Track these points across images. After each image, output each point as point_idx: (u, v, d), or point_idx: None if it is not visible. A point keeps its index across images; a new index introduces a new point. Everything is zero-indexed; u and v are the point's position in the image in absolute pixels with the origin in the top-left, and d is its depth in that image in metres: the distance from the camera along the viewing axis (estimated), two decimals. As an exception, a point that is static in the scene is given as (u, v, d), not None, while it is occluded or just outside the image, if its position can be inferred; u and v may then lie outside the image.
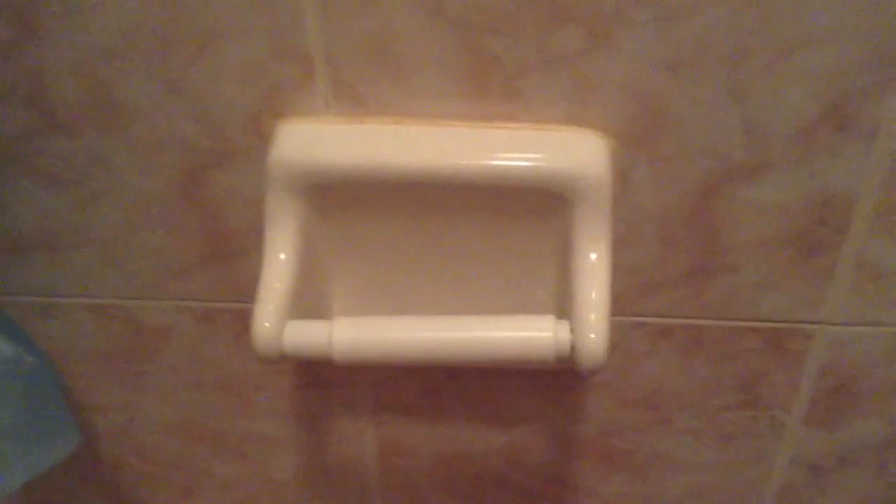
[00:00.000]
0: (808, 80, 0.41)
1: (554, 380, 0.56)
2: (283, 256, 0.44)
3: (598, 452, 0.61)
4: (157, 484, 0.68)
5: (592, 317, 0.42)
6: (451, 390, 0.58)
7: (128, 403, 0.61)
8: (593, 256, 0.43)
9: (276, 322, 0.42)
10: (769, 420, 0.57)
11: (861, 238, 0.47)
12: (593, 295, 0.42)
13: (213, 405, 0.61)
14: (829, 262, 0.48)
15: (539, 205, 0.44)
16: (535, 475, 0.63)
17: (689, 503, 0.64)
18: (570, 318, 0.42)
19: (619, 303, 0.50)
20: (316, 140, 0.44)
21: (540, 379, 0.56)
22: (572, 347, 0.41)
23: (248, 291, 0.48)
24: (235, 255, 0.51)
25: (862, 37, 0.40)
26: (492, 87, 0.43)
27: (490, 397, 0.58)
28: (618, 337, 0.52)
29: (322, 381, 0.58)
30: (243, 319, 0.54)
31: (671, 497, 0.63)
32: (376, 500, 0.66)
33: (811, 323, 0.51)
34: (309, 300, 0.46)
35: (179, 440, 0.64)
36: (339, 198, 0.45)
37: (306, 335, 0.42)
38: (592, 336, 0.41)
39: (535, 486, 0.64)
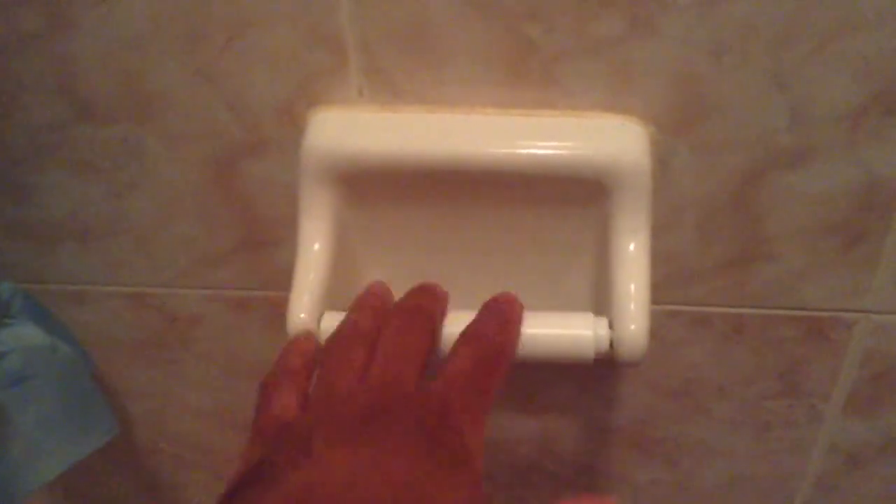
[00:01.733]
0: (854, 64, 0.40)
1: (589, 368, 0.55)
2: (317, 246, 0.44)
3: (632, 441, 0.61)
4: (189, 469, 0.68)
5: (632, 308, 0.41)
6: (485, 378, 0.57)
7: (161, 390, 0.62)
8: (632, 246, 0.42)
9: (311, 313, 0.42)
10: (808, 409, 0.56)
11: (907, 226, 0.46)
12: (632, 286, 0.41)
13: (246, 392, 0.61)
14: (873, 250, 0.47)
15: (576, 194, 0.43)
16: (567, 463, 0.63)
17: (725, 492, 0.63)
18: (608, 309, 0.42)
19: (657, 291, 0.49)
20: (349, 129, 0.43)
21: (575, 367, 0.55)
22: (611, 344, 0.40)
23: (280, 280, 0.48)
24: (268, 244, 0.51)
25: (912, 19, 0.38)
26: (528, 73, 0.42)
27: (523, 385, 0.58)
28: (655, 325, 0.52)
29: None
30: (276, 307, 0.54)
31: (706, 486, 0.63)
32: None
33: (853, 311, 0.50)
34: (342, 291, 0.45)
35: (212, 427, 0.64)
36: (373, 187, 0.44)
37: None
38: (632, 328, 0.40)
39: (567, 473, 0.64)
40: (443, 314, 0.37)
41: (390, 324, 0.35)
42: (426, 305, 0.36)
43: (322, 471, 0.28)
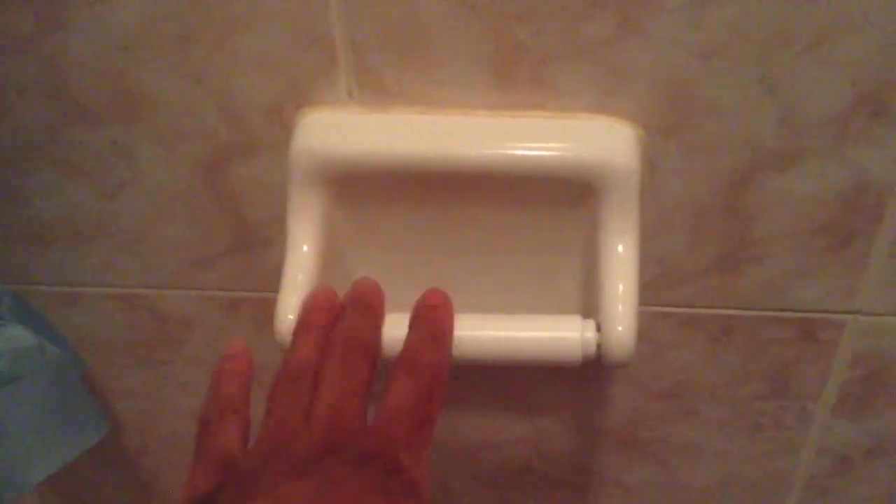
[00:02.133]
0: (842, 67, 0.40)
1: (579, 370, 0.55)
2: (305, 248, 0.44)
3: (622, 442, 0.61)
4: (179, 472, 0.68)
5: (620, 309, 0.41)
6: (476, 379, 0.57)
7: (151, 392, 0.62)
8: (620, 248, 0.42)
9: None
10: (798, 410, 0.57)
11: (895, 227, 0.46)
12: (620, 287, 0.42)
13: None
14: (862, 251, 0.47)
15: (566, 195, 0.43)
16: (559, 464, 0.63)
17: (715, 493, 0.63)
18: (596, 310, 0.42)
19: (646, 292, 0.50)
20: (339, 130, 0.43)
21: (565, 369, 0.55)
22: (598, 346, 0.40)
23: (271, 281, 0.48)
24: (258, 245, 0.51)
25: (899, 22, 0.39)
26: (518, 75, 0.42)
27: (515, 386, 0.58)
28: (644, 327, 0.52)
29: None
30: (266, 309, 0.54)
31: (697, 487, 0.63)
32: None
33: (843, 313, 0.50)
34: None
35: (203, 428, 0.64)
36: (363, 189, 0.44)
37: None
38: (620, 329, 0.41)
39: (559, 475, 0.64)
40: (379, 330, 0.37)
41: (331, 354, 0.35)
42: (363, 333, 0.36)
43: None
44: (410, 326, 0.36)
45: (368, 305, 0.37)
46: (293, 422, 0.32)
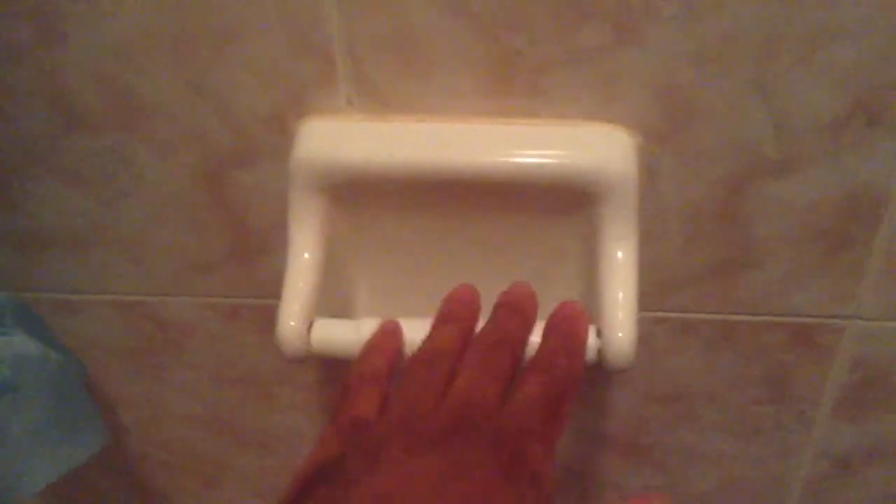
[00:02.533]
0: (837, 74, 0.40)
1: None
2: (306, 255, 0.44)
3: (622, 447, 0.61)
4: (180, 476, 0.68)
5: (620, 315, 0.41)
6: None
7: (152, 398, 0.62)
8: (619, 254, 0.43)
9: (301, 321, 0.42)
10: (797, 414, 0.57)
11: (891, 233, 0.46)
12: (620, 294, 0.42)
13: (237, 399, 0.61)
14: (859, 257, 0.48)
15: (564, 202, 0.43)
16: (559, 469, 0.63)
17: (715, 497, 0.63)
18: (596, 317, 0.42)
19: (645, 298, 0.50)
20: (339, 138, 0.43)
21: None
22: (599, 352, 0.40)
23: (271, 288, 0.48)
24: (259, 252, 0.51)
25: (892, 30, 0.39)
26: (515, 83, 0.42)
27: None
28: (643, 332, 0.52)
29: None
30: (267, 315, 0.54)
31: (696, 491, 0.63)
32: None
33: (841, 318, 0.51)
34: (332, 299, 0.45)
35: (203, 434, 0.64)
36: (362, 196, 0.44)
37: (336, 333, 0.42)
38: (620, 335, 0.41)
39: (558, 479, 0.64)
40: (529, 332, 0.36)
41: (476, 347, 0.34)
42: (513, 335, 0.36)
43: (398, 479, 0.28)
44: (545, 335, 0.36)
45: (522, 310, 0.36)
46: (426, 399, 0.32)
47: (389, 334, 0.38)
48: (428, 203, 0.45)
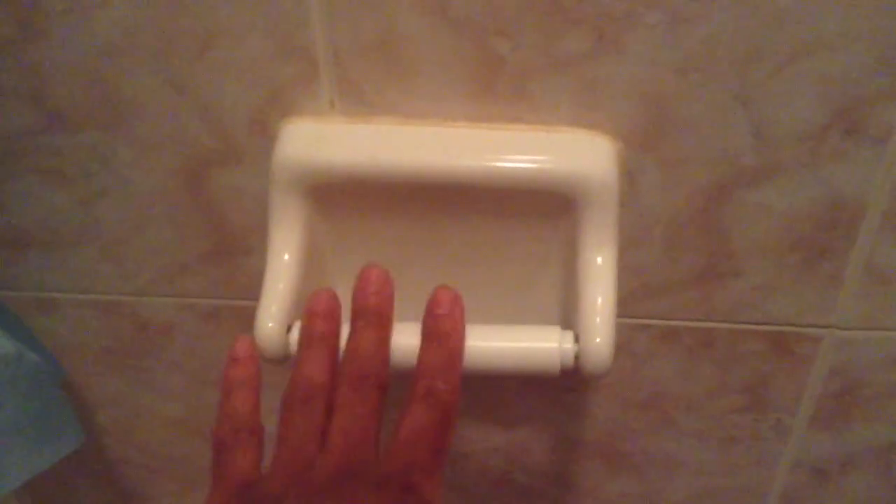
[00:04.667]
0: (817, 84, 0.41)
1: (557, 380, 0.56)
2: (286, 257, 0.44)
3: (600, 453, 0.61)
4: (159, 479, 0.68)
5: (598, 321, 0.41)
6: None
7: (131, 399, 0.61)
8: (599, 260, 0.43)
9: (279, 323, 0.42)
10: (774, 423, 0.57)
11: (870, 243, 0.47)
12: (599, 299, 0.42)
13: (216, 401, 0.61)
14: (837, 267, 0.48)
15: (545, 207, 0.43)
16: (537, 475, 0.63)
17: (693, 505, 0.64)
18: (574, 321, 0.42)
19: (624, 304, 0.50)
20: (321, 140, 0.43)
21: (543, 380, 0.56)
22: (577, 357, 0.40)
23: (251, 289, 0.48)
24: (239, 253, 0.51)
25: (872, 42, 0.39)
26: (498, 88, 0.42)
27: (493, 397, 0.58)
28: (622, 338, 0.52)
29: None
30: (247, 316, 0.54)
31: (674, 499, 0.63)
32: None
33: (819, 327, 0.51)
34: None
35: (182, 436, 0.64)
36: (344, 198, 0.44)
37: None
38: (598, 340, 0.41)
39: (536, 485, 0.64)
40: (388, 342, 0.37)
41: (344, 381, 0.35)
42: (373, 356, 0.36)
43: None
44: (423, 342, 0.36)
45: (378, 313, 0.37)
46: (309, 448, 0.33)
47: (241, 363, 0.38)
48: (409, 206, 0.45)
